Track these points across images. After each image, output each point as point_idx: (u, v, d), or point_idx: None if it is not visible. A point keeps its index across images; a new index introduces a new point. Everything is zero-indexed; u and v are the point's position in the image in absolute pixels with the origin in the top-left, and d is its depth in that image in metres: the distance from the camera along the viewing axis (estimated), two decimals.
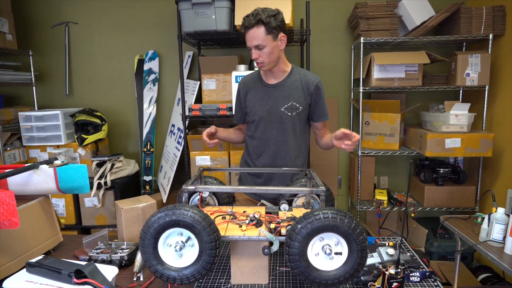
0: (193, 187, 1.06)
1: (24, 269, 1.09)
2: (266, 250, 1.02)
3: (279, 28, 1.48)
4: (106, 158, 2.63)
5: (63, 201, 2.60)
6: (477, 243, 1.54)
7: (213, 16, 2.15)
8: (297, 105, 1.57)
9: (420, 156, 2.77)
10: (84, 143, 2.59)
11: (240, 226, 1.10)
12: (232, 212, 1.20)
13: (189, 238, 0.97)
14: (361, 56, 2.46)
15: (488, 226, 1.56)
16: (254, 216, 1.14)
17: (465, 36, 2.33)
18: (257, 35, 1.45)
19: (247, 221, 1.12)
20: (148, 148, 2.89)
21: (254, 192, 1.64)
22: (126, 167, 2.68)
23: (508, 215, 1.50)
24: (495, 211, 1.63)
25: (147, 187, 2.87)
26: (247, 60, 2.68)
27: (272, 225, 1.08)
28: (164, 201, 2.62)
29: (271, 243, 1.05)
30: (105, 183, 2.52)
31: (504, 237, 1.49)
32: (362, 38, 2.39)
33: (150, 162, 2.89)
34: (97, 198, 2.54)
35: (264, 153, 1.62)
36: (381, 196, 2.62)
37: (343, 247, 0.97)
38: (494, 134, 2.28)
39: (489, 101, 2.40)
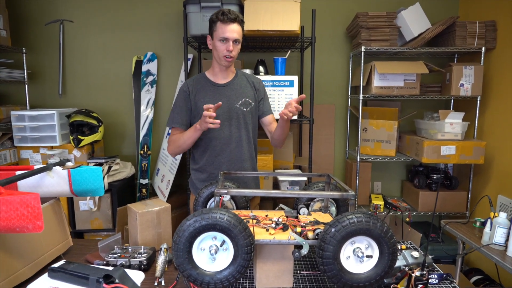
0: (226, 191, 1.06)
1: (45, 275, 1.05)
2: (297, 253, 1.03)
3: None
4: (103, 160, 2.57)
5: None
6: (480, 246, 1.62)
7: None
8: (250, 101, 1.67)
9: (414, 162, 2.87)
10: (81, 145, 2.52)
11: (267, 230, 1.10)
12: (254, 216, 1.21)
13: (223, 241, 0.97)
14: (362, 65, 2.52)
15: (490, 230, 1.63)
16: (279, 220, 1.15)
17: (460, 48, 2.44)
18: (238, 30, 1.56)
19: (273, 225, 1.12)
20: (145, 150, 2.84)
21: (287, 196, 1.65)
22: (123, 170, 2.62)
23: (511, 220, 1.58)
24: (493, 216, 1.72)
25: (144, 191, 2.81)
26: (251, 65, 2.69)
27: (298, 229, 1.09)
28: None
29: (297, 247, 1.06)
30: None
31: (506, 240, 1.56)
32: (363, 47, 2.46)
33: (146, 165, 2.84)
34: (93, 201, 2.47)
35: (224, 151, 1.64)
36: (378, 201, 2.69)
37: (374, 250, 1.00)
38: (486, 142, 2.40)
39: (480, 110, 2.53)
